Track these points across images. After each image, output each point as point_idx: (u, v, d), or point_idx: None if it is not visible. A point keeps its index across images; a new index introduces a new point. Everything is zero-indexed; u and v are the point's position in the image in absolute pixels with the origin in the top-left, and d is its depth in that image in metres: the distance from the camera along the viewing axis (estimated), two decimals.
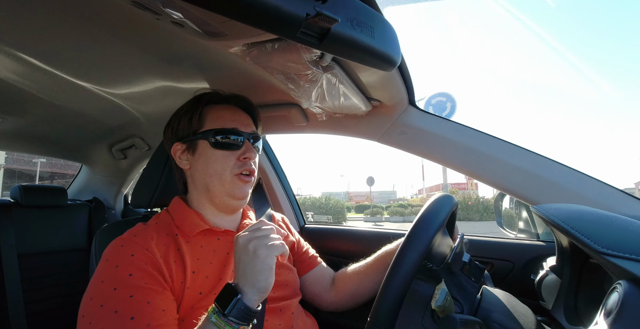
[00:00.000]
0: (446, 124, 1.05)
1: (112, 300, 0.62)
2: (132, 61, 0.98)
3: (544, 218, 0.62)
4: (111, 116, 1.50)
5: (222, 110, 0.87)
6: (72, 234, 1.79)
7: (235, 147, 0.83)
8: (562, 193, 0.90)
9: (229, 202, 0.84)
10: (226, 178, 0.81)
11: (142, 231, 0.76)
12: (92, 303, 0.63)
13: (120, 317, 0.61)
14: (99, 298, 0.63)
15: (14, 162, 23.02)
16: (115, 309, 0.61)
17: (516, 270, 1.07)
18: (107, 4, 0.70)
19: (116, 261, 0.68)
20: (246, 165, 0.83)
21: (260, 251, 0.63)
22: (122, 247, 0.71)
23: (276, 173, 1.71)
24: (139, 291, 0.64)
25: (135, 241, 0.72)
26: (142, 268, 0.67)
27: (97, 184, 2.14)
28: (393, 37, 0.60)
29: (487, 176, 0.99)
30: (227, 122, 0.84)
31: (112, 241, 0.74)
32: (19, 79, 1.06)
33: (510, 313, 0.61)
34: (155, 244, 0.73)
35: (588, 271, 0.67)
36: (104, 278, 0.66)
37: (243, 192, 0.83)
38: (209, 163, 0.82)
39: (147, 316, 0.62)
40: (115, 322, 0.60)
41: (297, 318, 0.86)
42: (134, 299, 0.63)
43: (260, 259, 0.62)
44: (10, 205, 1.64)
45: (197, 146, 0.84)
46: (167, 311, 0.66)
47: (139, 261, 0.68)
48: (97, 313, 0.61)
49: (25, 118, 1.40)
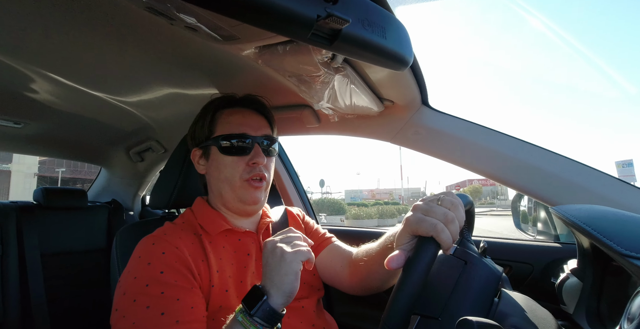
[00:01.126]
0: (461, 124, 1.03)
1: (144, 296, 0.65)
2: (146, 68, 1.01)
3: (564, 220, 0.61)
4: (127, 122, 1.55)
5: (232, 115, 0.87)
6: (92, 235, 1.85)
7: (244, 152, 0.83)
8: (583, 193, 0.87)
9: (241, 207, 0.85)
10: (236, 183, 0.83)
11: (171, 230, 0.79)
12: (125, 298, 0.66)
13: (152, 312, 0.63)
14: (131, 293, 0.66)
15: (45, 170, 25.73)
16: (147, 305, 0.64)
17: (535, 272, 1.04)
18: (122, 10, 0.72)
19: (148, 258, 0.70)
20: (255, 170, 0.83)
21: (287, 256, 0.64)
22: (154, 245, 0.73)
23: (288, 174, 1.71)
24: (169, 288, 0.67)
25: (166, 240, 0.74)
26: (172, 266, 0.70)
27: (115, 186, 2.20)
28: (405, 36, 0.60)
29: (505, 177, 0.97)
30: (235, 127, 0.84)
31: (143, 238, 0.76)
32: (37, 88, 1.10)
33: (530, 317, 0.59)
34: (184, 243, 0.75)
35: (611, 274, 0.65)
36: (137, 274, 0.68)
37: (254, 198, 0.84)
38: (219, 169, 0.84)
39: (177, 312, 0.65)
40: (146, 317, 0.63)
41: (317, 317, 0.86)
42: (164, 295, 0.65)
43: (286, 263, 0.63)
44: (33, 207, 1.71)
45: (210, 152, 0.86)
46: (196, 308, 0.68)
47: (170, 259, 0.71)
48: (130, 307, 0.64)
49: (45, 123, 1.46)
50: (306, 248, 0.67)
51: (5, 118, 1.36)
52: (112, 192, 2.20)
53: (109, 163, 2.12)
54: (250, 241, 0.86)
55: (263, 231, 0.90)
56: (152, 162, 1.99)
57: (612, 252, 0.49)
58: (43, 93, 1.15)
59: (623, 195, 0.85)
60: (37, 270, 1.57)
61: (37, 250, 1.60)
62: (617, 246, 0.48)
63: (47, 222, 1.71)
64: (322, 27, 0.48)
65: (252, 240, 0.87)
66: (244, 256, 0.82)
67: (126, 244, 0.92)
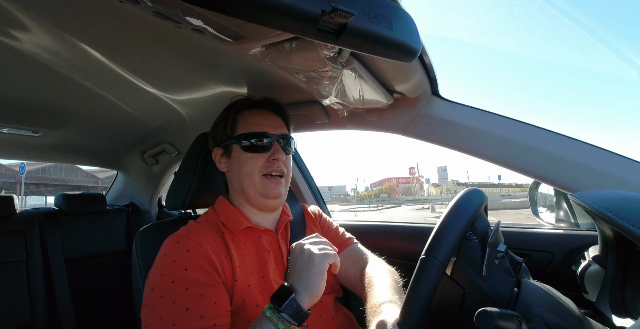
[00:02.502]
0: (473, 113, 1.02)
1: (170, 292, 0.69)
2: (156, 72, 1.02)
3: (584, 206, 0.59)
4: (140, 126, 1.57)
5: (252, 115, 0.92)
6: (112, 238, 1.90)
7: (264, 149, 0.88)
8: (602, 179, 0.85)
9: (263, 202, 0.88)
10: (255, 178, 0.86)
11: (195, 228, 0.82)
12: (153, 294, 0.69)
13: (177, 308, 0.67)
14: (159, 290, 0.70)
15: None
16: (173, 301, 0.67)
17: (556, 261, 1.03)
18: (130, 16, 0.73)
19: (173, 256, 0.74)
20: (274, 166, 0.87)
21: (315, 257, 0.68)
22: (178, 243, 0.76)
23: (301, 171, 1.72)
24: (193, 284, 0.70)
25: (190, 238, 0.77)
26: (196, 263, 0.73)
27: (132, 189, 2.25)
28: (412, 27, 0.59)
29: (520, 164, 0.94)
30: (256, 126, 0.89)
31: (168, 237, 0.79)
32: (56, 95, 1.13)
33: (552, 306, 0.58)
34: (207, 241, 0.79)
35: (635, 260, 0.63)
36: (163, 272, 0.72)
37: (275, 192, 0.87)
38: (241, 165, 0.87)
39: (201, 308, 0.68)
40: (173, 312, 0.66)
41: (336, 312, 0.87)
42: (189, 292, 0.69)
43: (314, 264, 0.67)
44: (55, 213, 1.76)
45: (231, 150, 0.90)
46: (219, 303, 0.70)
47: (194, 256, 0.74)
48: (157, 303, 0.68)
49: (62, 131, 1.49)
50: (333, 251, 0.71)
51: (24, 127, 1.40)
52: (129, 195, 2.25)
53: (124, 167, 2.17)
54: (269, 239, 0.89)
55: (282, 230, 0.93)
56: (166, 164, 2.03)
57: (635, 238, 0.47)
58: (60, 101, 1.18)
59: None
60: (62, 274, 1.62)
61: (61, 254, 1.65)
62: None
63: (69, 227, 1.76)
64: (327, 21, 0.48)
65: (271, 238, 0.89)
66: (264, 252, 0.85)
67: (146, 245, 0.94)
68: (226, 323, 0.70)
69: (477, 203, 0.65)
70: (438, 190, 59.82)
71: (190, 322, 0.65)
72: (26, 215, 1.67)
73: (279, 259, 0.86)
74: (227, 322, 0.70)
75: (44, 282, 1.57)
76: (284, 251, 0.88)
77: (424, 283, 0.55)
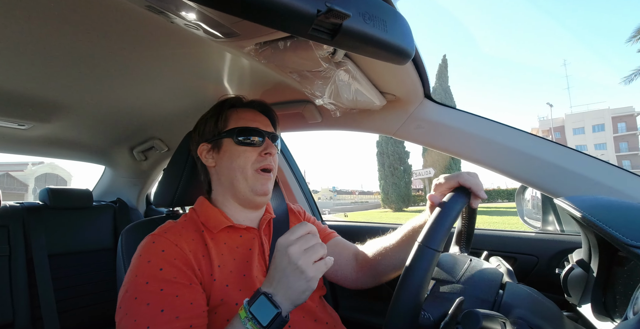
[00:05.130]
0: (464, 117, 1.03)
1: (145, 293, 0.67)
2: (148, 67, 1.01)
3: (569, 211, 0.60)
4: (130, 121, 1.55)
5: (244, 112, 0.93)
6: (98, 234, 1.86)
7: (257, 144, 0.89)
8: (587, 184, 0.87)
9: (252, 198, 0.88)
10: (247, 172, 0.86)
11: (172, 228, 0.81)
12: (128, 296, 0.68)
13: (152, 309, 0.65)
14: (133, 291, 0.68)
15: None
16: (148, 302, 0.65)
17: (541, 264, 1.05)
18: (122, 9, 0.72)
19: (148, 256, 0.72)
20: (266, 161, 0.88)
21: (308, 273, 0.60)
22: (154, 243, 0.75)
23: (292, 170, 1.72)
24: (168, 285, 0.68)
25: (166, 237, 0.76)
26: (171, 263, 0.72)
27: (120, 185, 2.21)
28: (406, 30, 0.59)
29: (508, 169, 0.96)
30: (249, 122, 0.90)
31: (145, 237, 0.78)
32: (44, 87, 1.10)
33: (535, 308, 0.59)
34: (184, 240, 0.78)
35: (617, 265, 0.65)
36: (138, 273, 0.70)
37: (265, 188, 0.87)
38: (232, 158, 0.87)
39: (176, 308, 0.66)
40: (147, 314, 0.64)
41: (320, 312, 0.87)
42: (164, 292, 0.67)
43: (306, 281, 0.60)
44: (39, 208, 1.72)
45: (222, 144, 0.90)
46: (195, 304, 0.69)
47: (169, 256, 0.72)
48: (131, 305, 0.66)
49: (50, 124, 1.46)
50: (328, 257, 0.64)
51: (10, 119, 1.37)
52: (116, 191, 2.21)
53: (113, 163, 2.13)
54: (251, 236, 0.88)
55: (264, 227, 0.92)
56: (155, 161, 2.00)
57: (617, 243, 0.49)
58: (49, 94, 1.16)
59: (628, 185, 0.85)
60: (45, 270, 1.58)
61: (45, 250, 1.61)
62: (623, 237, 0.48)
63: (53, 222, 1.72)
64: (322, 22, 0.47)
65: (254, 236, 0.88)
66: (246, 251, 0.84)
67: (131, 242, 0.93)
68: (203, 324, 0.69)
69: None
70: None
71: (165, 324, 0.64)
72: (9, 209, 1.63)
73: (261, 256, 0.86)
74: (204, 322, 0.69)
75: (26, 278, 1.53)
76: (266, 249, 0.88)
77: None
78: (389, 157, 19.43)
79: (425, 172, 13.41)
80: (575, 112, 46.90)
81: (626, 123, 42.30)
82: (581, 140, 43.71)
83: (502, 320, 0.52)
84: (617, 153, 41.36)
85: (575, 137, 44.34)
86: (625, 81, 21.95)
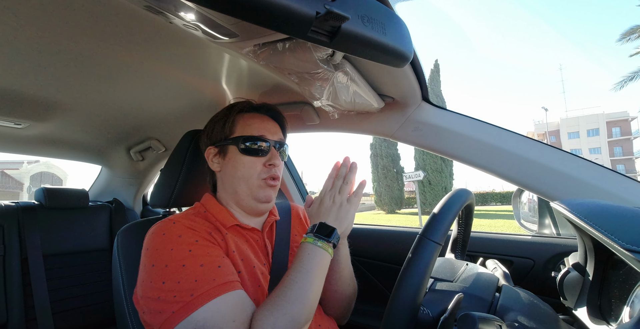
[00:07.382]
0: (461, 120, 1.03)
1: (192, 258, 0.68)
2: (146, 66, 1.01)
3: (566, 214, 0.61)
4: (127, 121, 1.54)
5: (251, 118, 0.91)
6: (94, 234, 1.85)
7: (262, 154, 0.87)
8: (583, 188, 0.88)
9: (254, 205, 0.87)
10: (253, 182, 0.86)
11: (179, 217, 0.80)
12: (173, 266, 0.67)
13: (208, 268, 0.68)
14: (178, 260, 0.67)
15: None
16: (201, 263, 0.68)
17: (537, 267, 1.05)
18: (121, 9, 0.72)
19: (168, 246, 0.70)
20: (271, 171, 0.87)
21: (344, 205, 0.81)
22: (165, 235, 0.73)
23: (289, 171, 1.72)
24: (207, 258, 0.70)
25: (177, 225, 0.75)
26: (195, 244, 0.72)
27: (116, 185, 2.20)
28: (405, 33, 0.60)
29: (505, 172, 0.97)
30: (255, 130, 0.88)
31: (151, 233, 0.75)
32: (41, 86, 1.10)
33: (531, 311, 0.59)
34: (197, 225, 0.78)
35: (612, 268, 0.65)
36: (168, 262, 0.68)
37: (268, 196, 0.87)
38: (237, 167, 0.86)
39: (215, 261, 0.70)
40: (205, 271, 0.67)
41: (322, 317, 0.87)
42: (204, 267, 0.68)
43: (346, 212, 0.81)
44: (35, 207, 1.70)
45: (227, 151, 0.88)
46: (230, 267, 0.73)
47: (190, 238, 0.72)
48: (180, 272, 0.66)
49: (47, 123, 1.45)
50: (355, 193, 0.85)
51: (7, 119, 1.36)
52: (113, 191, 2.20)
53: (109, 163, 2.12)
54: (255, 237, 0.88)
55: (267, 229, 0.93)
56: (152, 161, 1.99)
57: (613, 247, 0.49)
58: (46, 93, 1.15)
59: (624, 189, 0.85)
60: (40, 271, 1.57)
61: (40, 250, 1.60)
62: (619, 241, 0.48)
63: (49, 222, 1.71)
64: (321, 24, 0.48)
65: (258, 237, 0.89)
66: (252, 247, 0.85)
67: (127, 243, 0.92)
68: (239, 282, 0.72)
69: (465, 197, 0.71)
70: None
71: (227, 275, 0.68)
72: (4, 209, 1.62)
73: (265, 256, 0.86)
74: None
75: (21, 278, 1.52)
76: (270, 250, 0.88)
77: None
78: (382, 159, 19.41)
79: (415, 175, 13.37)
80: (571, 116, 47.24)
81: (620, 127, 42.70)
82: (576, 144, 44.01)
83: (499, 323, 0.52)
84: (612, 158, 41.68)
85: (570, 141, 44.66)
86: (616, 87, 22.17)
